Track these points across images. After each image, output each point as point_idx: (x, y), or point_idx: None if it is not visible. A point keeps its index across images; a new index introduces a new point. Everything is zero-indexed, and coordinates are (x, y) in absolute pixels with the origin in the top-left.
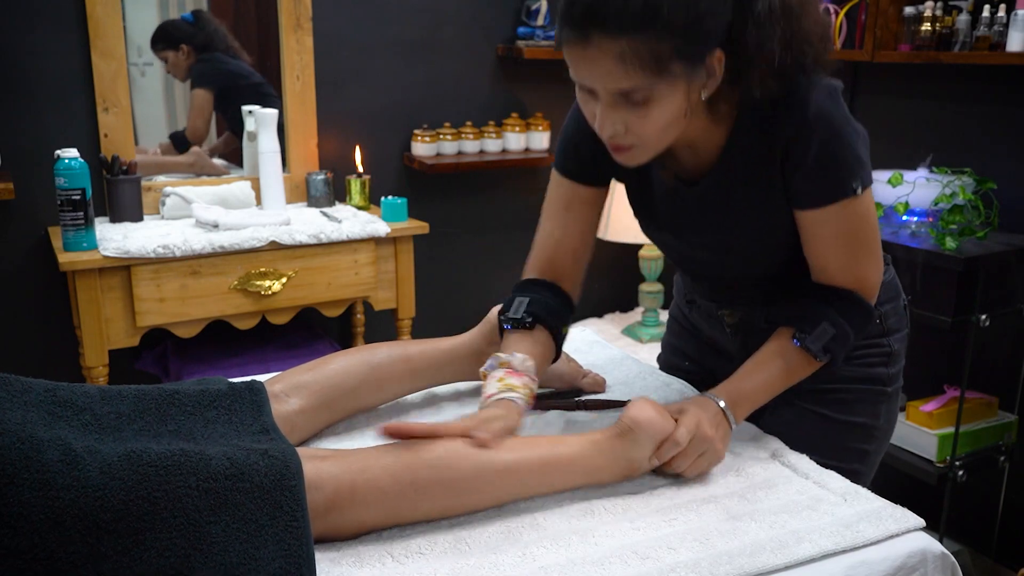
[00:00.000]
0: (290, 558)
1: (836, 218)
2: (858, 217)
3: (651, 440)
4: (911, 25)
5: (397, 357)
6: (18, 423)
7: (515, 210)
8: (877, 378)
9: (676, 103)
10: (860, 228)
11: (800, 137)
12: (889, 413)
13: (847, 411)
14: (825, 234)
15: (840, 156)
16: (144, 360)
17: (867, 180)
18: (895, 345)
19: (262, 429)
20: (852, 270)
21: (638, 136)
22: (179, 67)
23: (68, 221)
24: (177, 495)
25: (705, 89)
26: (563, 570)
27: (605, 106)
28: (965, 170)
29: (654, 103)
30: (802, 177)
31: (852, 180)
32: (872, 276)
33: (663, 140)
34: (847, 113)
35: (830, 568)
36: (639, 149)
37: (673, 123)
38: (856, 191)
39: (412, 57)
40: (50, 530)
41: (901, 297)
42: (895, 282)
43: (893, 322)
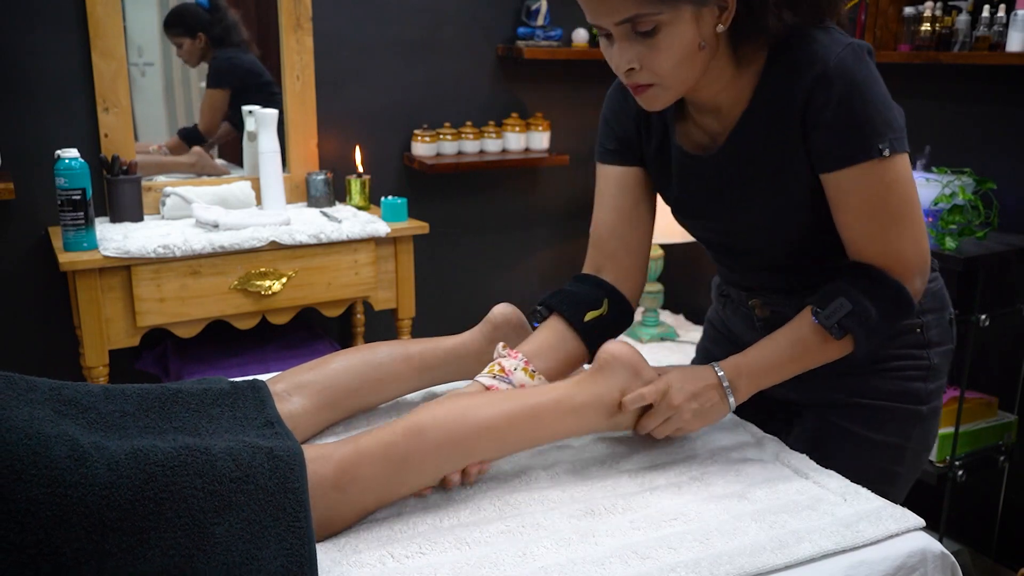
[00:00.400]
0: (292, 558)
1: (862, 183)
2: (887, 184)
3: (626, 371)
4: (911, 25)
5: (398, 356)
6: (25, 419)
7: (515, 210)
8: (913, 394)
9: (685, 33)
10: (890, 197)
11: (818, 91)
12: (923, 435)
13: (877, 429)
14: (851, 202)
15: (862, 112)
16: (144, 360)
17: (898, 145)
18: (935, 359)
19: (266, 423)
20: (883, 244)
21: (653, 72)
22: (193, 55)
23: (68, 221)
24: (183, 495)
25: (721, 23)
26: (563, 570)
27: (618, 42)
28: (965, 170)
29: (662, 32)
30: (823, 136)
31: (877, 139)
32: (908, 252)
33: (680, 77)
34: (875, 74)
35: (830, 568)
36: (659, 89)
37: (687, 57)
38: (883, 152)
39: (412, 57)
40: (56, 527)
41: (947, 310)
42: (943, 293)
43: (935, 334)
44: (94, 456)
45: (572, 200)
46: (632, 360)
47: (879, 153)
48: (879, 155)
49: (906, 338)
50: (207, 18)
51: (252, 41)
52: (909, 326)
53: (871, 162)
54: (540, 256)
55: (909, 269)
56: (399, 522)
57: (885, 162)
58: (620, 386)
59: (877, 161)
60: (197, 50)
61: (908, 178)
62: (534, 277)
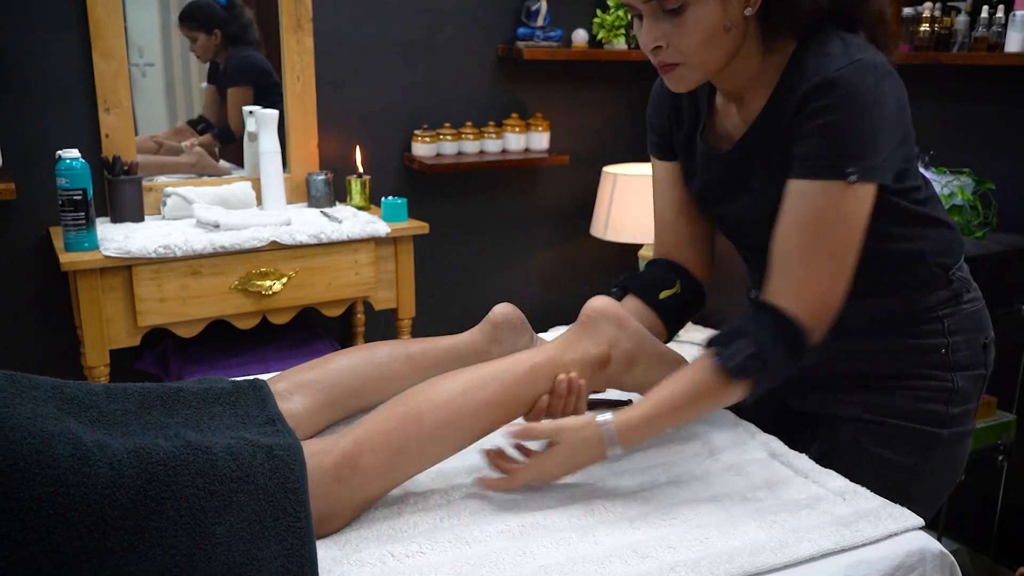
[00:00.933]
0: (292, 558)
1: (813, 199)
2: (836, 211)
3: (610, 324)
4: (910, 26)
5: (399, 355)
6: (28, 417)
7: (515, 210)
8: (932, 416)
9: (712, 13)
10: (831, 226)
11: (812, 100)
12: (945, 461)
13: (890, 447)
14: (795, 214)
15: (844, 130)
16: (145, 360)
17: (870, 175)
18: (960, 382)
19: (267, 420)
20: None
21: (680, 51)
22: (207, 51)
23: (69, 221)
24: (184, 494)
25: (749, 7)
26: (563, 569)
27: (647, 20)
28: (964, 170)
29: (688, 11)
30: (801, 143)
31: (848, 163)
32: (820, 290)
33: (705, 57)
34: (879, 97)
35: (829, 567)
36: (685, 68)
37: (713, 38)
38: (848, 178)
39: (412, 57)
40: (58, 525)
41: (983, 334)
42: (980, 315)
43: (963, 356)
44: (97, 455)
45: (572, 200)
46: (615, 313)
47: (843, 176)
48: (842, 178)
49: (929, 357)
50: (223, 15)
51: (261, 42)
52: (934, 345)
53: (836, 183)
54: (540, 256)
55: (812, 310)
56: (399, 522)
57: (847, 189)
58: (607, 339)
59: (839, 184)
60: (212, 46)
61: (860, 215)
62: (534, 277)
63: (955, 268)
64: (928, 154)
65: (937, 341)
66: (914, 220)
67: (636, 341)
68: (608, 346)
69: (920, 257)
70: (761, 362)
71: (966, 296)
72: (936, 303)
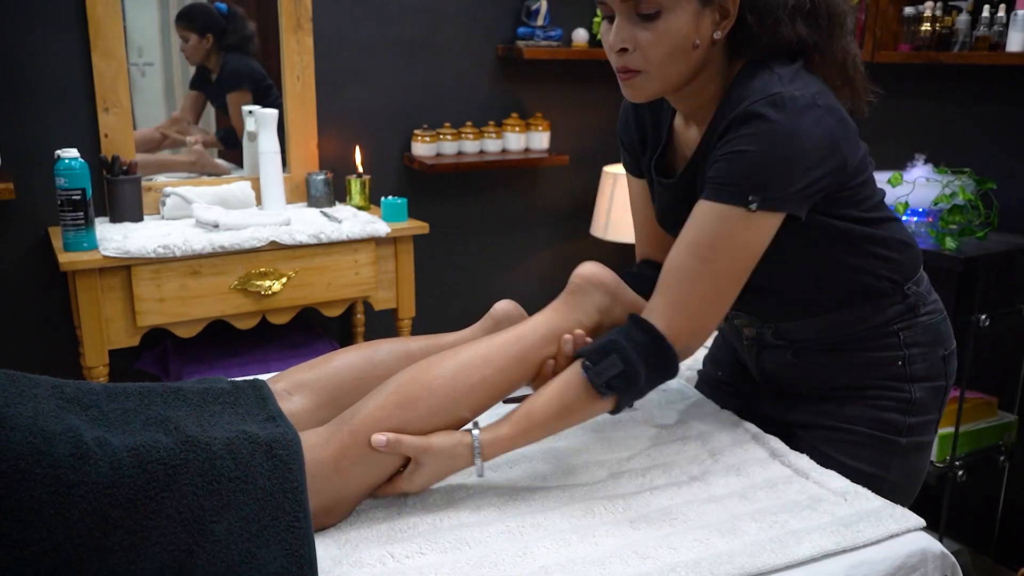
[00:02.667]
0: (292, 558)
1: (711, 222)
2: (731, 239)
3: (599, 292)
4: (911, 25)
5: (398, 353)
6: (29, 416)
7: (515, 210)
8: (889, 424)
9: (684, 25)
10: (723, 252)
11: (730, 130)
12: (905, 467)
13: (852, 455)
14: (691, 233)
15: (754, 160)
16: (144, 360)
17: (774, 205)
18: (918, 393)
19: (268, 417)
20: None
21: (645, 58)
22: (196, 53)
23: (68, 221)
24: (183, 492)
25: (719, 30)
26: (563, 570)
27: (619, 21)
28: (965, 170)
29: (662, 18)
30: (714, 165)
31: (751, 192)
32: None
33: (668, 69)
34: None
35: (830, 568)
36: (645, 77)
37: (679, 51)
38: (749, 206)
39: (412, 57)
40: (58, 524)
41: (943, 346)
42: (940, 329)
43: (921, 368)
44: (98, 454)
45: (572, 200)
46: (606, 279)
47: (746, 204)
48: (743, 203)
49: (886, 369)
50: (222, 23)
51: (259, 51)
52: (890, 358)
53: (735, 208)
54: (540, 256)
55: (686, 331)
56: (399, 522)
57: (746, 218)
58: (597, 307)
59: (740, 210)
60: (202, 50)
61: (755, 245)
62: (534, 277)
63: (910, 283)
64: (924, 155)
65: (893, 354)
66: (860, 239)
67: (625, 305)
68: (599, 314)
69: (870, 275)
70: (627, 380)
71: (923, 309)
72: (891, 317)
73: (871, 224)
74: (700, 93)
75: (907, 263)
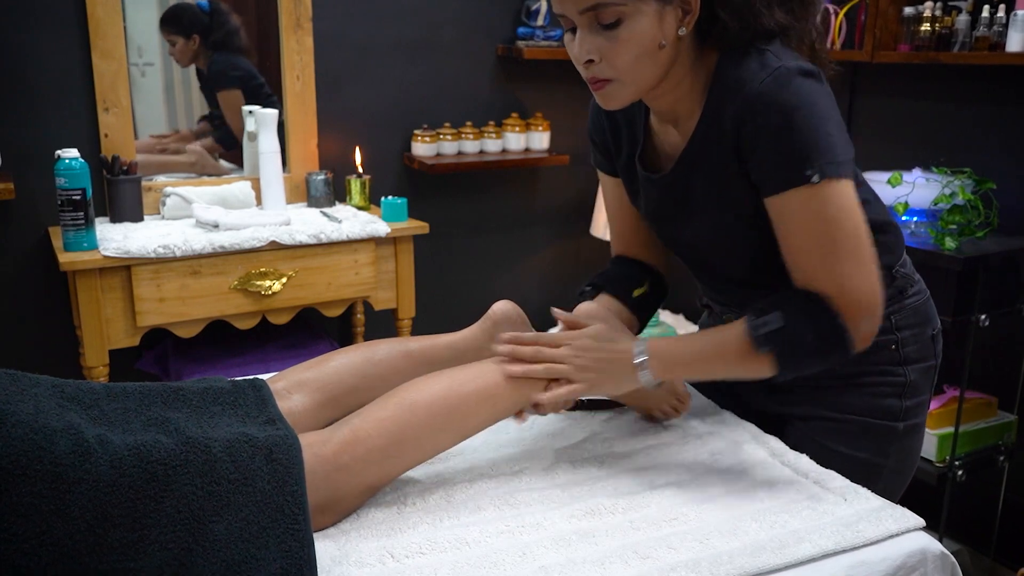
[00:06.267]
0: (291, 559)
1: (798, 209)
2: (823, 211)
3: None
4: (910, 25)
5: (398, 353)
6: (30, 413)
7: (515, 210)
8: (888, 411)
9: (647, 28)
10: (827, 227)
11: (747, 120)
12: (901, 453)
13: (851, 445)
14: (791, 227)
15: (788, 140)
16: (144, 360)
17: (831, 171)
18: (912, 376)
19: (268, 420)
20: (824, 276)
21: (612, 66)
22: (185, 55)
23: (68, 221)
24: (183, 492)
25: (683, 26)
26: (563, 570)
27: (581, 32)
28: (965, 170)
29: (624, 25)
30: (757, 163)
31: (805, 166)
32: (853, 283)
33: (638, 74)
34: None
35: (830, 568)
36: (616, 85)
37: (646, 54)
38: (811, 179)
39: (412, 57)
40: (57, 520)
41: (930, 326)
42: (925, 308)
43: (913, 351)
44: (98, 452)
45: (572, 200)
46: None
47: (807, 180)
48: (807, 182)
49: (880, 354)
50: (205, 21)
51: (251, 47)
52: (884, 342)
53: (801, 188)
54: (540, 256)
55: (853, 307)
56: (399, 522)
57: (816, 189)
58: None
59: (808, 188)
60: (190, 51)
61: (848, 208)
62: (534, 277)
63: (897, 265)
64: (924, 156)
65: (887, 338)
66: None
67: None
68: None
69: None
70: (785, 339)
71: (910, 291)
72: None
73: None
74: (675, 89)
75: (893, 242)
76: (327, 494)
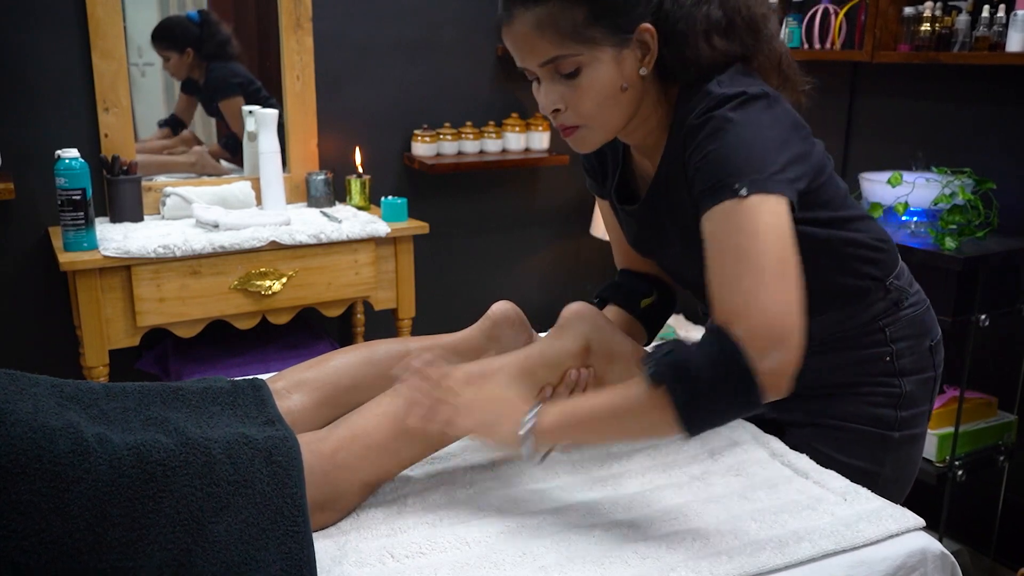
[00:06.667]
0: (291, 561)
1: (722, 223)
2: (746, 226)
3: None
4: (910, 25)
5: (397, 353)
6: (30, 412)
7: (515, 210)
8: (882, 420)
9: (606, 74)
10: (749, 239)
11: (691, 139)
12: (898, 462)
13: (846, 452)
14: (712, 244)
15: (722, 151)
16: (144, 360)
17: (762, 185)
18: (908, 387)
19: (267, 421)
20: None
21: (578, 113)
22: (180, 69)
23: (68, 221)
24: (182, 493)
25: (644, 66)
26: (563, 570)
27: (543, 83)
28: (964, 170)
29: (583, 74)
30: (695, 185)
31: (734, 180)
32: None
33: (605, 118)
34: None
35: (830, 568)
36: (586, 130)
37: (609, 98)
38: (738, 191)
39: (412, 57)
40: (56, 518)
41: (929, 337)
42: (923, 320)
43: (909, 362)
44: (98, 451)
45: (572, 200)
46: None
47: (734, 193)
48: (734, 195)
49: (875, 365)
50: (196, 32)
51: (242, 53)
52: (878, 354)
53: (729, 202)
54: (540, 256)
55: (759, 333)
56: (399, 522)
57: (743, 203)
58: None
59: (735, 202)
60: (184, 65)
61: (774, 225)
62: (534, 277)
63: (891, 278)
64: (922, 155)
65: (882, 350)
66: (840, 243)
67: (612, 337)
68: (585, 341)
69: (852, 275)
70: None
71: (906, 303)
72: (876, 314)
73: (847, 224)
74: (645, 124)
75: (886, 258)
76: (326, 491)
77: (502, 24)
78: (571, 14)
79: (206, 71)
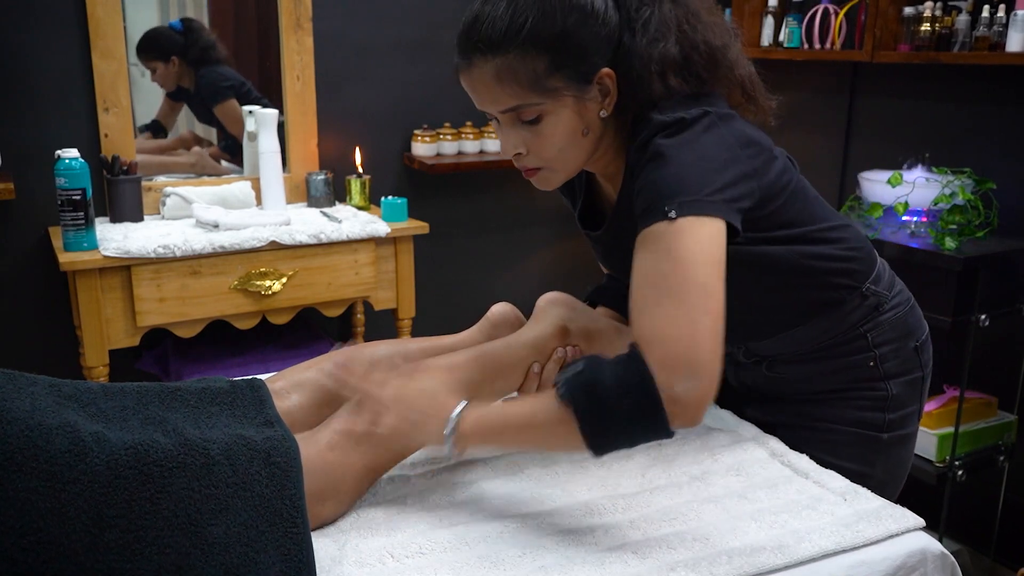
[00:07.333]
0: (290, 562)
1: (648, 248)
2: (671, 249)
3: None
4: (911, 25)
5: (396, 354)
6: (27, 411)
7: (515, 210)
8: (870, 423)
9: (567, 121)
10: (672, 263)
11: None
12: (888, 464)
13: (834, 454)
14: (637, 269)
15: (656, 173)
16: (144, 360)
17: (692, 208)
18: (895, 389)
19: (266, 422)
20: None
21: (539, 156)
22: (168, 79)
23: (68, 221)
24: (179, 495)
25: (604, 109)
26: (563, 570)
27: (504, 128)
28: (964, 170)
29: (545, 120)
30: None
31: (666, 201)
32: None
33: (567, 161)
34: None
35: (830, 568)
36: (547, 172)
37: (571, 143)
38: (667, 214)
39: (412, 57)
40: (53, 518)
41: (913, 337)
42: (906, 321)
43: (894, 365)
44: (95, 450)
45: None
46: (564, 298)
47: (664, 215)
48: (664, 217)
49: (860, 371)
50: (181, 41)
51: (229, 56)
52: (862, 360)
53: (659, 224)
54: (540, 256)
55: (669, 359)
56: (399, 522)
57: (673, 227)
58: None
59: (665, 224)
60: (172, 74)
61: (701, 251)
62: (534, 277)
63: (867, 283)
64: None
65: (865, 356)
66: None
67: (588, 317)
68: (562, 322)
69: (825, 287)
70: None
71: (887, 306)
72: (855, 321)
73: (814, 238)
74: (604, 156)
75: (860, 266)
76: (324, 479)
77: (459, 67)
78: (532, 64)
79: (195, 78)
